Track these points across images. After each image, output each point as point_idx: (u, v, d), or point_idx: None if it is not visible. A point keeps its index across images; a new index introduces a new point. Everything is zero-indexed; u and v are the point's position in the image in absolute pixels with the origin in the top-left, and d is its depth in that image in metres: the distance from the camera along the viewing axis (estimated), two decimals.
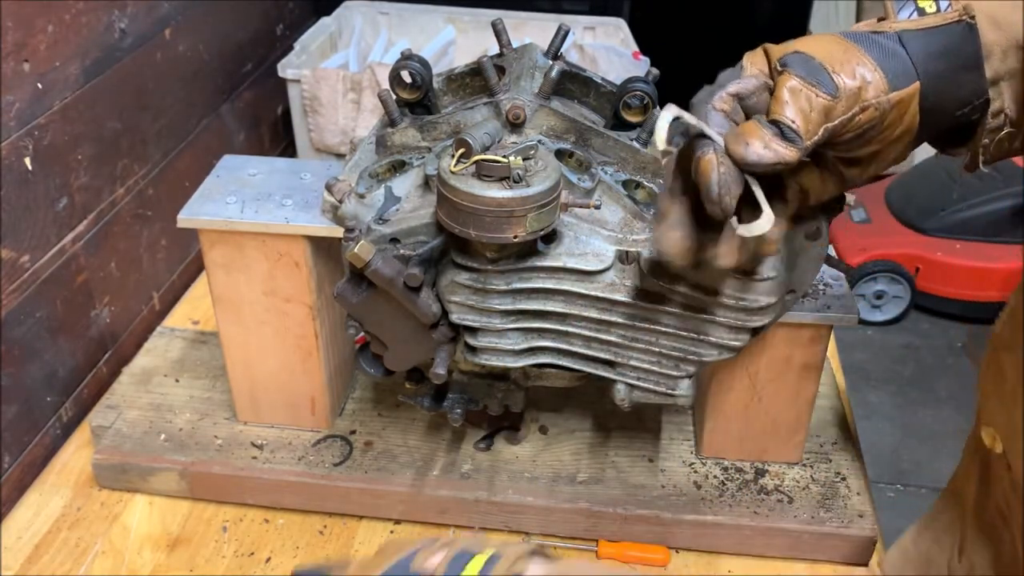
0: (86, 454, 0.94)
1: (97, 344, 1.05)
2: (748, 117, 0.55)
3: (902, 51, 0.55)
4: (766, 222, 0.53)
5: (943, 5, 0.56)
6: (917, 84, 0.55)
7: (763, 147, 0.52)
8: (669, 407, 0.95)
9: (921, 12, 0.56)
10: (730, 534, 0.86)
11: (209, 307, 1.04)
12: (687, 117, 0.53)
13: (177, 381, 1.00)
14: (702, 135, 0.53)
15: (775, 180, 0.57)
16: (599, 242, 0.72)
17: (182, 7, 1.17)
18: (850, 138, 0.55)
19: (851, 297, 0.82)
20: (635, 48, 1.46)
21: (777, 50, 0.56)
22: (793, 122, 0.52)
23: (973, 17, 0.55)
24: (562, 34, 0.81)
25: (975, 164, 0.61)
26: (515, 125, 0.74)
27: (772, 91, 0.54)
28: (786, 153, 0.52)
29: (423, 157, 0.77)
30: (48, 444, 0.97)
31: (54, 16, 0.92)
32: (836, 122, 0.53)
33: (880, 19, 0.58)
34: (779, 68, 0.54)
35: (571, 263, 0.70)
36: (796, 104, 0.52)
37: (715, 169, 0.52)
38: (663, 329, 0.72)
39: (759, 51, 0.58)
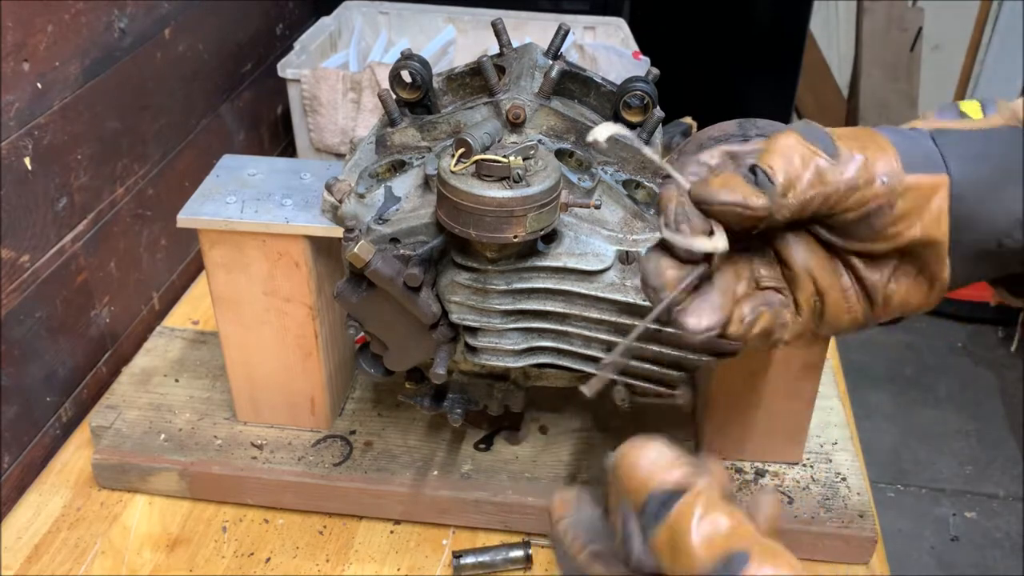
0: (86, 454, 0.94)
1: (97, 344, 1.05)
2: None
3: (930, 144, 0.49)
4: (716, 241, 0.48)
5: (990, 111, 0.51)
6: (944, 178, 0.48)
7: (724, 186, 0.47)
8: (669, 407, 0.95)
9: (963, 116, 0.52)
10: None
11: (209, 307, 1.04)
12: (624, 135, 0.51)
13: (177, 381, 0.99)
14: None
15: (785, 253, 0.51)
16: (599, 242, 0.71)
17: (182, 7, 1.17)
18: (853, 218, 0.49)
19: None
20: (635, 48, 1.46)
21: None
22: (771, 168, 0.47)
23: None
24: (562, 34, 0.81)
25: None
26: (515, 125, 0.74)
27: None
28: (752, 198, 0.47)
29: (423, 157, 0.77)
30: (48, 444, 0.97)
31: (54, 16, 0.92)
32: (831, 188, 0.47)
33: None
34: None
35: (571, 263, 0.70)
36: (785, 156, 0.48)
37: (672, 201, 0.49)
38: (663, 330, 0.72)
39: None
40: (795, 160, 0.47)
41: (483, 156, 0.66)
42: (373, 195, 0.76)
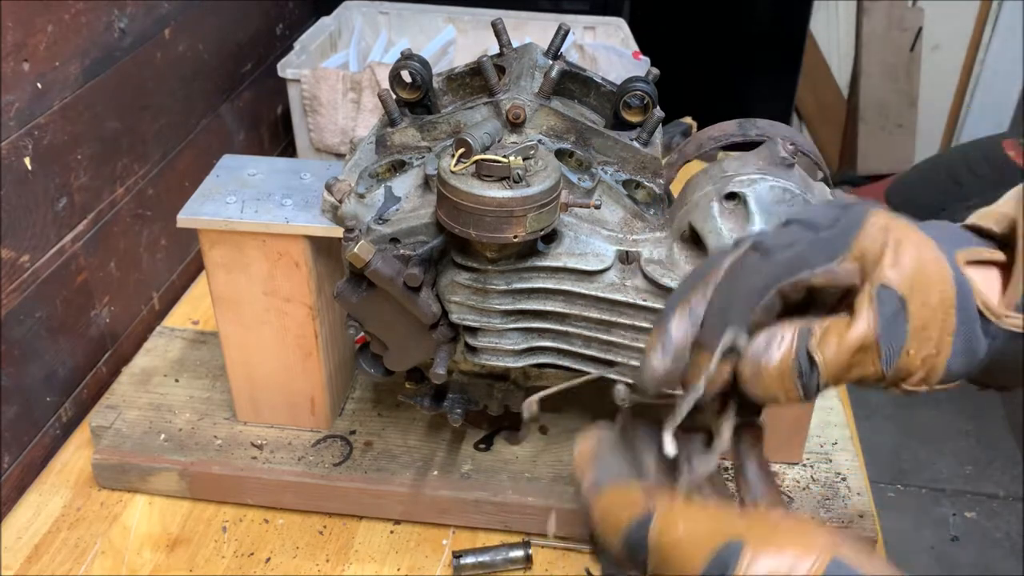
0: (86, 454, 0.94)
1: (97, 344, 1.05)
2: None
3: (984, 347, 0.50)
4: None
5: None
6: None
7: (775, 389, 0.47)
8: (669, 407, 0.95)
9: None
10: None
11: (209, 307, 1.03)
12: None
13: (177, 381, 0.99)
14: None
15: None
16: (599, 242, 0.71)
17: (182, 7, 1.17)
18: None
19: None
20: (635, 48, 1.46)
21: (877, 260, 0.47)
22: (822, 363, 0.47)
23: None
24: (562, 34, 0.81)
25: None
26: (515, 125, 0.74)
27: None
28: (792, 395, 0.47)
29: (423, 157, 0.77)
30: (48, 444, 0.97)
31: (54, 16, 0.92)
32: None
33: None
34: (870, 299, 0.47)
35: (571, 263, 0.70)
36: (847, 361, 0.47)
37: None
38: None
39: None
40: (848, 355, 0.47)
41: (483, 156, 0.66)
42: (373, 195, 0.76)
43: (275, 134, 1.53)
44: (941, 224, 0.53)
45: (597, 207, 0.71)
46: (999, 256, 0.51)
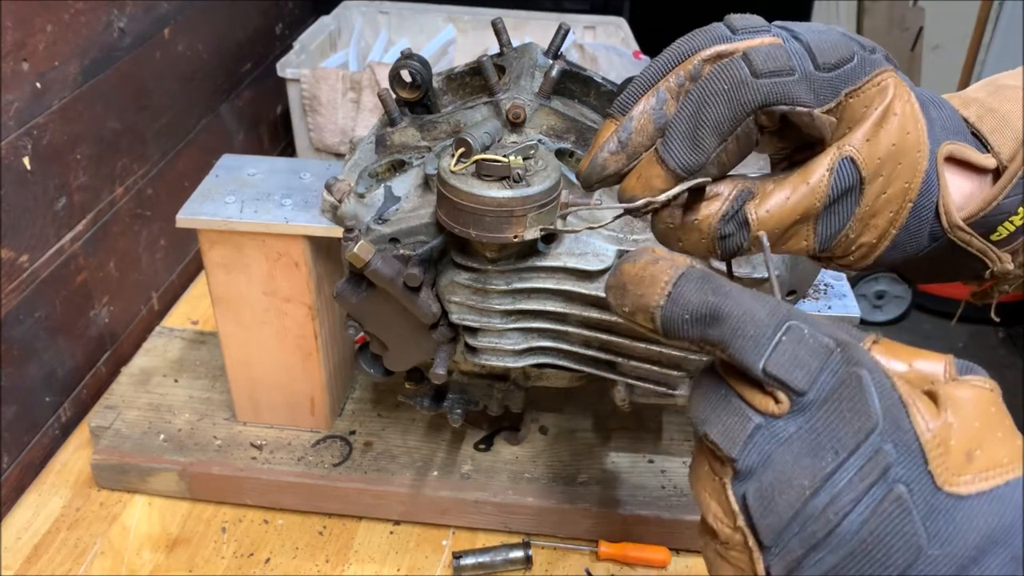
0: (85, 454, 0.94)
1: (96, 344, 1.05)
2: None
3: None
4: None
5: None
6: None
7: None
8: (670, 407, 0.95)
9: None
10: None
11: (208, 307, 1.03)
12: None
13: (176, 381, 0.99)
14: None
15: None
16: (599, 242, 0.71)
17: (181, 6, 1.17)
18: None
19: (852, 297, 0.82)
20: (635, 47, 1.46)
21: None
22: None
23: None
24: (562, 33, 0.81)
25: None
26: (515, 125, 0.74)
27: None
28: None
29: (423, 157, 0.77)
30: (47, 444, 0.97)
31: (53, 15, 0.92)
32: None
33: None
34: None
35: (571, 263, 0.70)
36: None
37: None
38: None
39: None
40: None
41: (483, 156, 0.65)
42: (373, 195, 0.76)
43: (275, 134, 1.53)
44: (945, 105, 0.51)
45: (598, 206, 0.71)
46: (983, 163, 0.49)
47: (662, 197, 0.45)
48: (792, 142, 0.47)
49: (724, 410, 0.37)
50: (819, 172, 0.45)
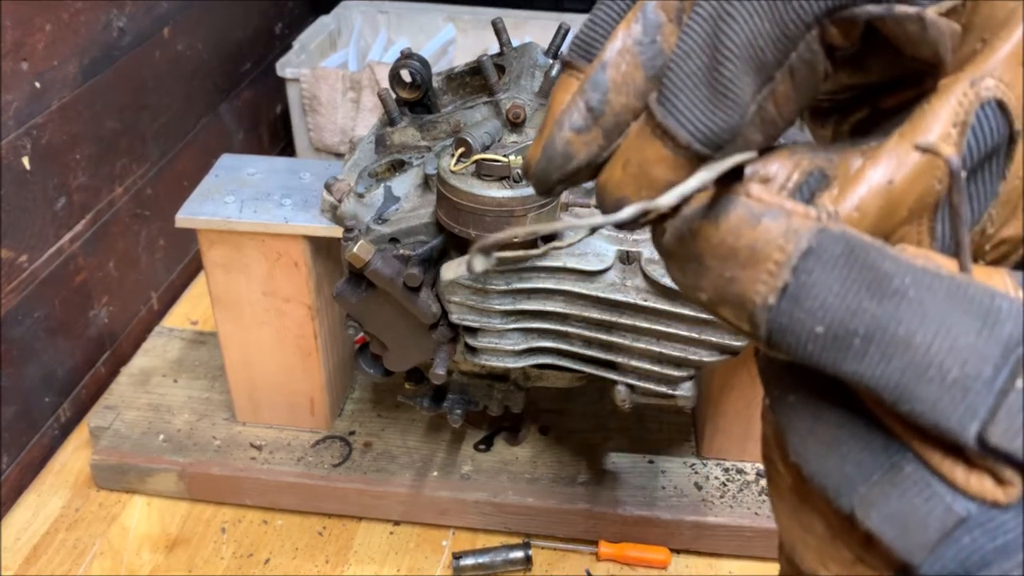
0: (84, 455, 0.94)
1: (95, 344, 1.05)
2: None
3: None
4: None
5: None
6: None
7: None
8: (670, 408, 0.95)
9: None
10: (731, 536, 0.85)
11: (208, 307, 1.03)
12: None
13: (175, 381, 0.99)
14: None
15: None
16: (600, 242, 0.71)
17: (181, 6, 1.17)
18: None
19: None
20: None
21: None
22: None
23: None
24: (562, 33, 0.81)
25: None
26: (515, 124, 0.74)
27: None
28: None
29: (423, 156, 0.77)
30: (46, 445, 0.97)
31: (52, 15, 0.91)
32: None
33: None
34: None
35: (572, 263, 0.70)
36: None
37: None
38: (664, 330, 0.71)
39: None
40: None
41: (483, 156, 0.65)
42: (372, 195, 0.76)
43: (274, 133, 1.53)
44: None
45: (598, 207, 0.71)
46: None
47: (669, 197, 0.25)
48: (878, 74, 0.28)
49: (895, 484, 0.23)
50: (938, 127, 0.26)
